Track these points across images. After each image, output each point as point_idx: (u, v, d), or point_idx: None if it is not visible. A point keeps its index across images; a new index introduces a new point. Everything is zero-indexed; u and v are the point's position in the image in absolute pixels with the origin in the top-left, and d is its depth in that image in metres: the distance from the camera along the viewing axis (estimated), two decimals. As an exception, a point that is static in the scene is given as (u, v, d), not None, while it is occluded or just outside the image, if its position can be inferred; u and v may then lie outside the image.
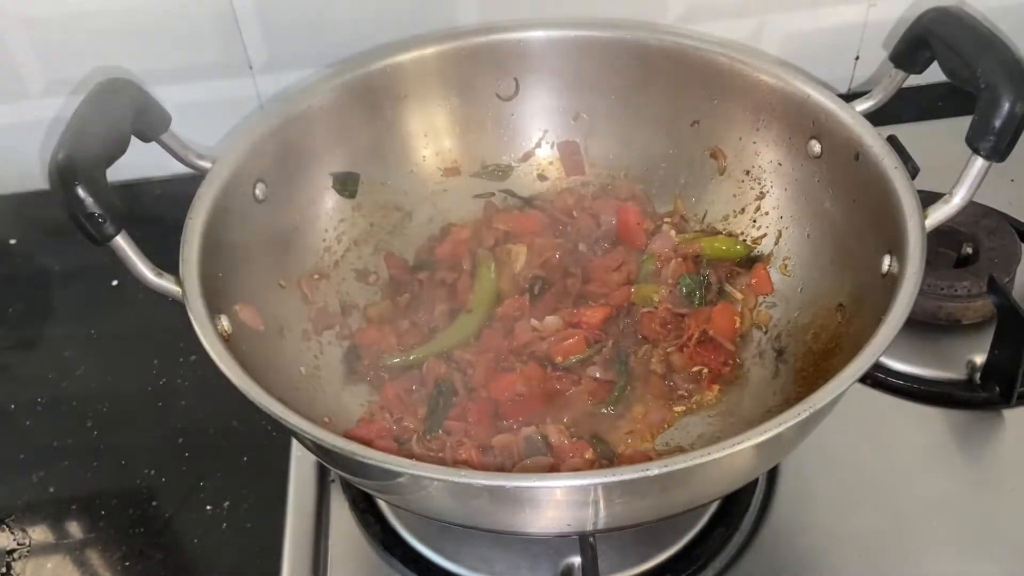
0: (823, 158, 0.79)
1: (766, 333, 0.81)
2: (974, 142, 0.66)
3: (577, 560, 0.70)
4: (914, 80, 0.78)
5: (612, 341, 0.81)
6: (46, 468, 0.83)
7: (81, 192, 0.63)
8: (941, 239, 0.87)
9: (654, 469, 0.54)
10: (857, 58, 1.09)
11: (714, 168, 0.88)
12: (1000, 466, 0.78)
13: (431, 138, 0.91)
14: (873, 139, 0.74)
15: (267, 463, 0.81)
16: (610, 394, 0.78)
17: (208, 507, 0.79)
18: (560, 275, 0.85)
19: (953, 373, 0.83)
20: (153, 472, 0.82)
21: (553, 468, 0.72)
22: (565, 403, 0.78)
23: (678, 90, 0.87)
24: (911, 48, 0.76)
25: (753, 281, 0.83)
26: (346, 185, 0.86)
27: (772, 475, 0.77)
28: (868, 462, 0.78)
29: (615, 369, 0.79)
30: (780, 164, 0.84)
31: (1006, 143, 0.65)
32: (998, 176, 0.67)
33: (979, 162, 0.66)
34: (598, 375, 0.79)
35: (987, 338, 0.82)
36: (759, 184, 0.86)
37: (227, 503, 0.79)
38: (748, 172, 0.86)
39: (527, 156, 0.93)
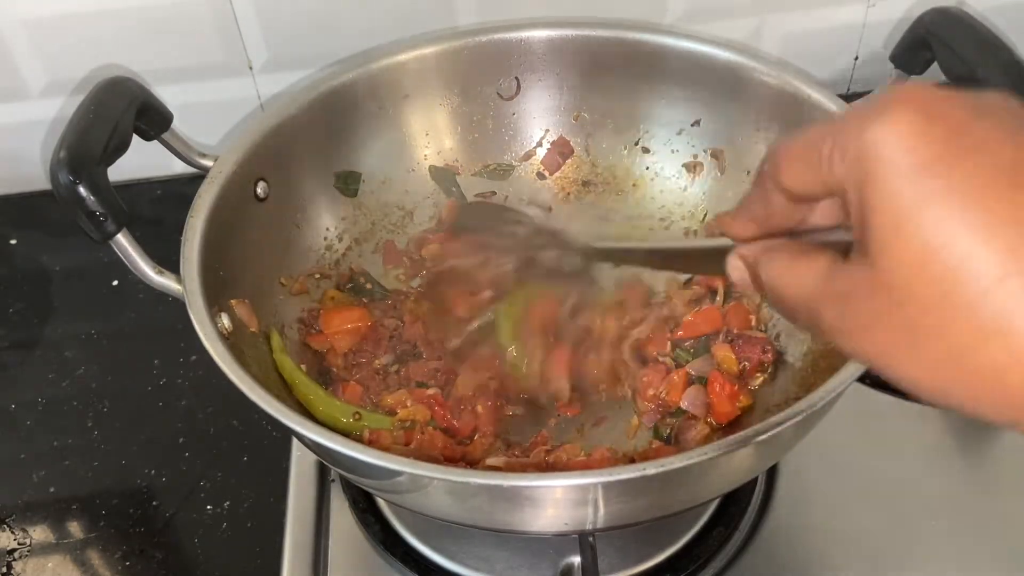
0: (823, 158, 0.79)
1: (766, 333, 0.81)
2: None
3: (577, 559, 0.70)
4: (914, 80, 0.78)
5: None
6: (46, 468, 0.83)
7: (82, 190, 0.63)
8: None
9: (651, 469, 0.54)
10: (857, 58, 1.09)
11: (715, 168, 0.88)
12: (1000, 466, 0.79)
13: (432, 137, 0.91)
14: (873, 139, 0.73)
15: (267, 463, 0.81)
16: None
17: (208, 507, 0.79)
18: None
19: (953, 373, 0.83)
20: (153, 472, 0.82)
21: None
22: None
23: (679, 90, 0.87)
24: (911, 49, 0.76)
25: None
26: (347, 184, 0.87)
27: (771, 474, 0.77)
28: (868, 462, 0.78)
29: None
30: (780, 164, 0.83)
31: (1006, 144, 0.65)
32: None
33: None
34: None
35: (987, 338, 0.82)
36: (759, 184, 0.86)
37: (227, 503, 0.79)
38: (749, 172, 0.86)
39: (528, 155, 0.93)
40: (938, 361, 0.34)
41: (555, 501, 0.58)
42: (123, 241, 0.66)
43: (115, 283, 0.98)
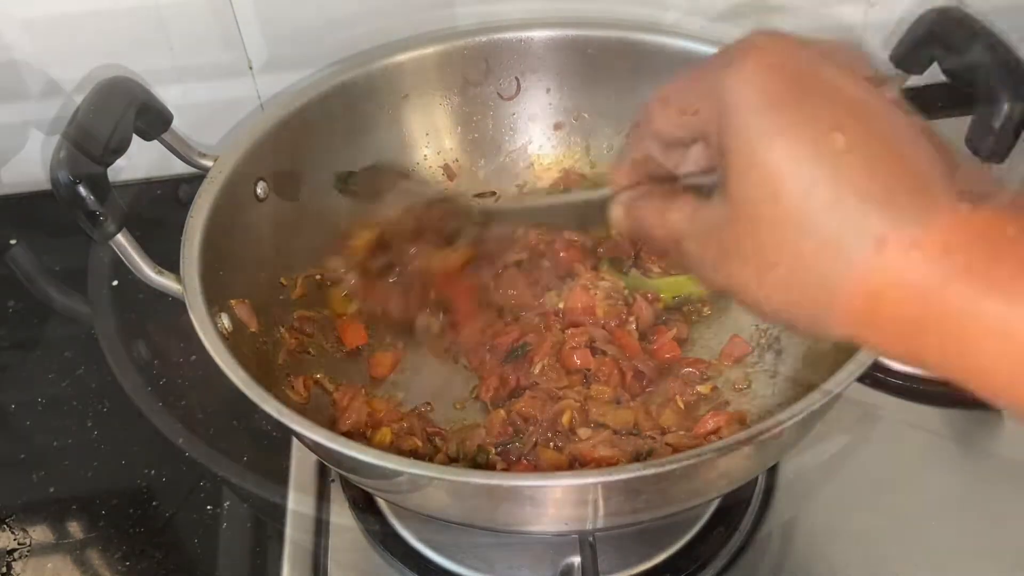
0: (823, 158, 0.79)
1: (765, 333, 0.81)
2: (974, 143, 0.66)
3: (577, 560, 0.70)
4: (914, 80, 0.78)
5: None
6: (46, 468, 0.83)
7: (82, 190, 0.63)
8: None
9: (651, 468, 0.54)
10: (857, 58, 1.09)
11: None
12: (999, 466, 0.78)
13: (432, 137, 0.91)
14: (873, 139, 0.73)
15: (267, 463, 0.81)
16: None
17: (208, 507, 0.79)
18: None
19: (953, 373, 0.83)
20: (153, 472, 0.82)
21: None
22: None
23: (679, 90, 0.87)
24: (911, 48, 0.76)
25: None
26: (347, 184, 0.86)
27: (771, 474, 0.77)
28: (868, 462, 0.78)
29: None
30: (780, 164, 0.83)
31: (1006, 144, 0.65)
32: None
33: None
34: None
35: (987, 338, 0.82)
36: (759, 184, 0.86)
37: (227, 503, 0.79)
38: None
39: (528, 156, 0.93)
40: (782, 283, 0.38)
41: (555, 501, 0.58)
42: (123, 241, 0.66)
43: (115, 283, 0.98)
